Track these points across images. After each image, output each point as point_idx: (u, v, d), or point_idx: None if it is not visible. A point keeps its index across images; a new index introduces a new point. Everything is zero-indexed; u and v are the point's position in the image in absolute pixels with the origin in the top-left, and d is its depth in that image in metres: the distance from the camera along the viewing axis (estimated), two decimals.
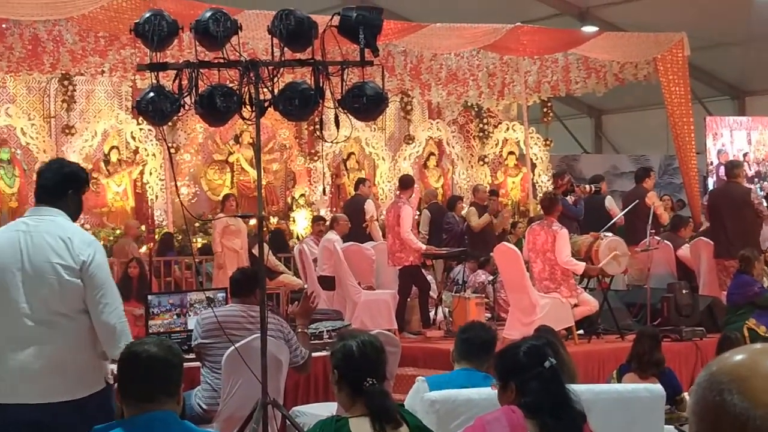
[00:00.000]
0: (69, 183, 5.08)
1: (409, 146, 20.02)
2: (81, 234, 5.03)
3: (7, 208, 16.71)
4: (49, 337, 4.79)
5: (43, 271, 4.81)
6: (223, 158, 18.66)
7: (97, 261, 4.88)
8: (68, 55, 15.94)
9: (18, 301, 4.79)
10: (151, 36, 6.04)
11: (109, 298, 4.86)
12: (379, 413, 3.93)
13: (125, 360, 3.73)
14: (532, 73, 18.83)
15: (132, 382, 3.67)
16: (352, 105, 6.32)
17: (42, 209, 5.02)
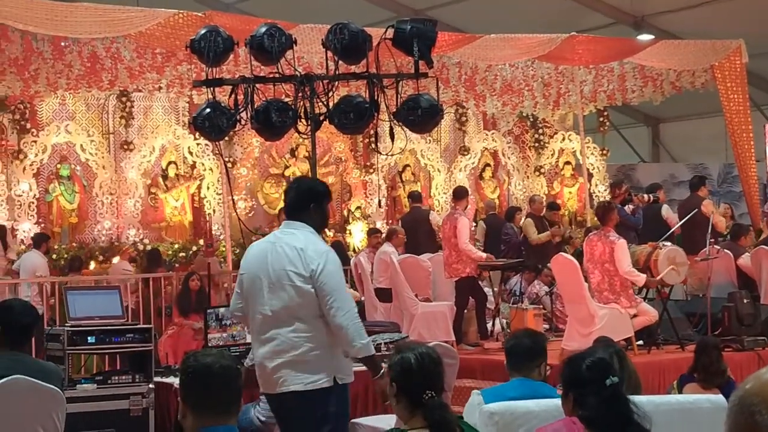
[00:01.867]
0: (309, 198, 5.62)
1: (464, 157, 19.99)
2: (314, 245, 5.51)
3: (68, 224, 16.92)
4: (285, 336, 5.44)
5: (281, 277, 5.45)
6: (279, 172, 18.74)
7: (327, 270, 5.41)
8: (126, 71, 16.11)
9: (263, 303, 5.50)
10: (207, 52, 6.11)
11: (339, 303, 5.37)
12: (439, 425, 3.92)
13: (197, 371, 3.63)
14: (588, 83, 18.73)
15: (207, 394, 3.59)
16: (407, 117, 6.33)
17: (290, 223, 5.63)
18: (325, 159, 18.55)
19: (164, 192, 17.58)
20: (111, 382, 8.14)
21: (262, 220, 18.01)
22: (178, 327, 13.02)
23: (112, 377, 8.21)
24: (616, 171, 22.15)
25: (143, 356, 8.37)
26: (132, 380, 8.18)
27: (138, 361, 8.45)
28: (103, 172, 17.01)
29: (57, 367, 6.45)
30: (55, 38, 15.22)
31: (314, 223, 5.59)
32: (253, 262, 5.68)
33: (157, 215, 17.56)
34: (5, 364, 5.81)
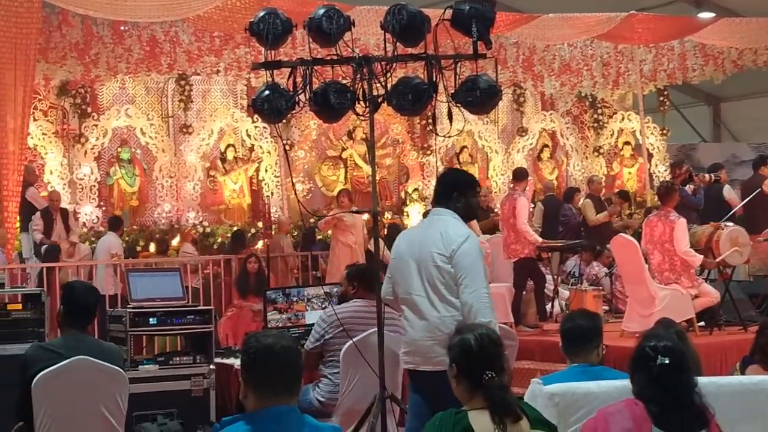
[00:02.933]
0: (453, 188, 5.98)
1: (522, 138, 19.91)
2: (456, 228, 5.84)
3: (129, 207, 17.08)
4: (430, 314, 5.76)
5: (427, 259, 5.80)
6: (336, 154, 18.78)
7: (464, 249, 5.74)
8: (185, 55, 16.22)
9: (413, 286, 5.85)
10: (266, 34, 6.12)
11: (470, 281, 5.67)
12: (499, 406, 3.92)
13: (258, 352, 3.66)
14: (648, 62, 18.56)
15: (269, 374, 3.63)
16: (465, 98, 6.31)
17: (436, 210, 6.03)
18: (382, 141, 18.56)
19: (223, 175, 17.69)
20: (172, 362, 8.21)
21: (319, 203, 18.07)
22: (238, 309, 13.12)
23: (173, 358, 8.29)
24: (677, 151, 21.92)
25: (204, 337, 8.44)
26: (193, 361, 8.25)
27: (199, 342, 8.52)
28: (162, 155, 17.15)
29: (119, 347, 6.53)
30: (114, 23, 15.37)
31: (458, 209, 5.92)
32: (403, 248, 6.04)
33: (216, 198, 17.68)
34: (69, 344, 5.89)
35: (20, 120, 12.63)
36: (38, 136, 16.16)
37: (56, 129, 16.54)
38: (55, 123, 16.58)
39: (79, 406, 5.85)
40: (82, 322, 6.03)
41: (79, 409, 5.85)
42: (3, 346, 7.58)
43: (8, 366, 6.88)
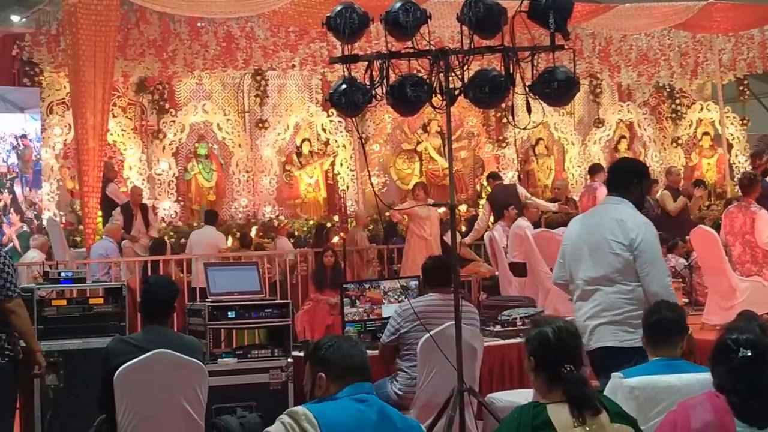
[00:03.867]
0: (632, 175, 6.18)
1: (599, 130, 19.74)
2: (633, 217, 6.03)
3: (206, 201, 17.26)
4: (607, 298, 5.96)
5: (602, 245, 5.98)
6: (411, 147, 18.79)
7: (645, 239, 5.92)
8: (260, 50, 16.35)
9: (586, 270, 6.06)
10: (343, 29, 6.13)
11: (654, 270, 5.88)
12: (578, 399, 3.89)
13: (336, 343, 3.96)
14: (727, 51, 18.31)
15: (350, 362, 3.92)
16: (543, 90, 6.27)
17: (610, 198, 6.21)
18: (457, 134, 18.52)
19: (298, 169, 17.79)
20: (251, 356, 8.26)
21: (394, 196, 18.09)
22: (314, 302, 13.18)
23: (251, 351, 8.34)
24: (757, 141, 21.55)
25: (281, 331, 8.48)
26: (271, 354, 8.29)
27: (276, 336, 8.57)
28: (239, 150, 17.30)
29: (198, 341, 6.59)
30: (191, 19, 15.54)
31: (633, 198, 6.10)
32: (575, 234, 6.25)
33: (291, 192, 17.79)
34: (149, 338, 5.97)
35: (100, 117, 12.80)
36: (117, 132, 16.40)
37: (135, 125, 16.77)
38: (133, 119, 16.81)
39: (160, 398, 5.92)
40: (161, 316, 6.10)
41: (160, 401, 5.92)
42: (85, 339, 7.69)
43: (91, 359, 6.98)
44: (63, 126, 15.99)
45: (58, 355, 7.50)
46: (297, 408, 3.73)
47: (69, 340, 7.67)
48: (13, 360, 6.26)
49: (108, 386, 5.81)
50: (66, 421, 7.36)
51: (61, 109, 16.08)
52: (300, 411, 3.69)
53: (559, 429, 3.83)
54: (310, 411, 3.69)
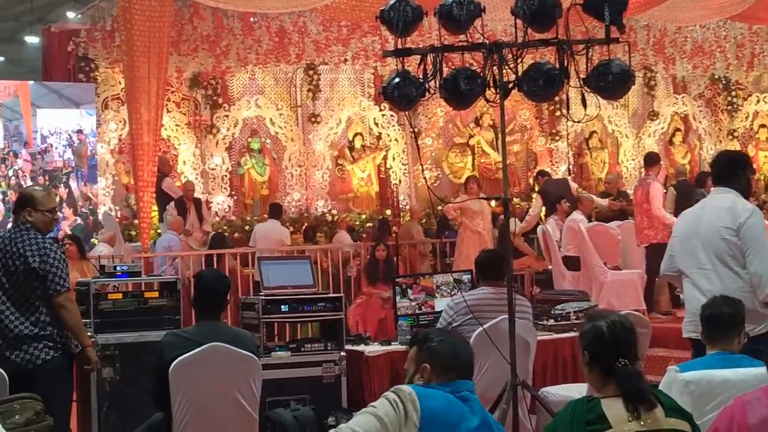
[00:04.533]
0: (738, 165, 6.33)
1: (653, 122, 19.58)
2: (742, 203, 6.16)
3: (259, 196, 17.34)
4: (717, 286, 5.97)
5: (713, 234, 6.10)
6: (464, 141, 18.76)
7: (750, 223, 6.04)
8: (313, 45, 16.41)
9: (699, 260, 6.16)
10: (396, 22, 6.13)
11: (757, 251, 5.97)
12: (632, 394, 3.86)
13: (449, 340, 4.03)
14: None
15: (457, 360, 3.98)
16: (597, 83, 6.23)
17: (718, 189, 6.35)
18: (510, 127, 18.44)
19: (351, 163, 17.82)
20: (304, 349, 8.30)
21: (447, 190, 18.05)
22: (367, 296, 13.20)
23: (305, 345, 8.39)
24: None
25: (334, 324, 8.52)
26: (324, 348, 8.33)
27: (329, 330, 8.61)
28: (291, 144, 17.36)
29: (252, 334, 6.63)
30: (244, 14, 15.62)
31: (740, 187, 6.23)
32: (686, 226, 6.40)
33: (344, 186, 17.82)
34: (203, 332, 6.01)
35: (154, 112, 12.91)
36: (171, 127, 16.52)
37: (188, 120, 16.88)
38: (187, 114, 16.92)
39: (215, 391, 5.96)
40: (214, 310, 6.14)
41: (215, 394, 5.96)
42: (141, 332, 7.77)
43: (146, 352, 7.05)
44: (118, 121, 16.14)
45: (114, 348, 7.58)
46: (404, 386, 3.74)
47: (125, 333, 7.75)
48: (67, 353, 6.33)
49: (162, 380, 5.86)
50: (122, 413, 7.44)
51: (116, 104, 16.23)
52: (406, 390, 3.71)
53: (614, 424, 3.80)
54: (416, 392, 3.71)
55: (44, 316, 6.22)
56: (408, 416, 3.65)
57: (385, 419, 3.65)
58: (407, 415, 3.65)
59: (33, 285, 6.22)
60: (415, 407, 3.66)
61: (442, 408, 3.73)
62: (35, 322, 6.20)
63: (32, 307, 6.22)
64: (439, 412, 3.71)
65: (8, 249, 6.27)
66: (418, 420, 3.64)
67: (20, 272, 6.21)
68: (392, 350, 8.33)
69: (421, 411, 3.65)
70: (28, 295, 6.22)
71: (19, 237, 6.28)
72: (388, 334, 10.20)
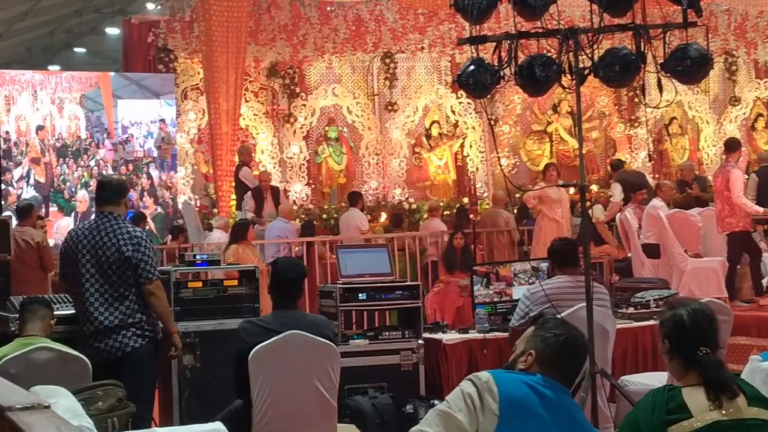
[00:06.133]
0: None
1: (735, 108, 19.29)
2: None
3: (336, 185, 17.43)
4: None
5: None
6: (541, 128, 18.66)
7: None
8: (389, 33, 16.42)
9: None
10: (471, 9, 6.11)
11: None
12: (715, 383, 3.81)
13: (569, 341, 3.90)
14: None
15: (568, 363, 3.87)
16: (675, 68, 6.15)
17: None
18: (588, 114, 18.31)
19: (428, 151, 17.82)
20: (382, 337, 8.32)
21: (524, 177, 17.98)
22: (444, 284, 13.19)
23: (383, 333, 8.40)
24: None
25: (412, 312, 8.52)
26: (402, 336, 8.34)
27: (407, 318, 8.61)
28: (368, 133, 17.40)
29: (330, 322, 6.66)
30: (321, 3, 15.69)
31: None
32: None
33: (421, 174, 17.83)
34: (279, 320, 6.04)
35: (232, 101, 13.03)
36: (249, 116, 16.65)
37: (266, 109, 17.00)
38: (265, 104, 17.04)
39: (294, 379, 5.99)
40: (290, 298, 6.16)
41: (294, 382, 6.00)
42: (220, 320, 7.84)
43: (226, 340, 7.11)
44: (197, 111, 16.31)
45: (194, 335, 7.66)
46: (482, 374, 3.64)
47: (205, 321, 7.83)
48: (153, 340, 6.42)
49: (242, 368, 5.90)
50: (202, 400, 7.52)
51: (195, 94, 16.40)
52: (484, 378, 3.61)
53: (695, 413, 3.75)
54: (494, 378, 3.62)
55: (133, 303, 6.32)
56: (485, 405, 3.59)
57: (458, 416, 3.57)
58: (483, 405, 3.59)
59: (125, 274, 6.31)
60: (492, 395, 3.58)
61: (522, 394, 3.64)
62: (124, 311, 6.30)
63: (122, 297, 6.31)
64: (518, 399, 3.63)
65: (98, 240, 6.35)
66: (497, 408, 3.58)
67: (112, 262, 6.30)
68: (470, 338, 8.33)
69: (499, 399, 3.58)
70: (119, 285, 6.31)
71: (110, 227, 6.36)
72: (465, 322, 10.17)
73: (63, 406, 4.17)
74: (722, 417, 3.73)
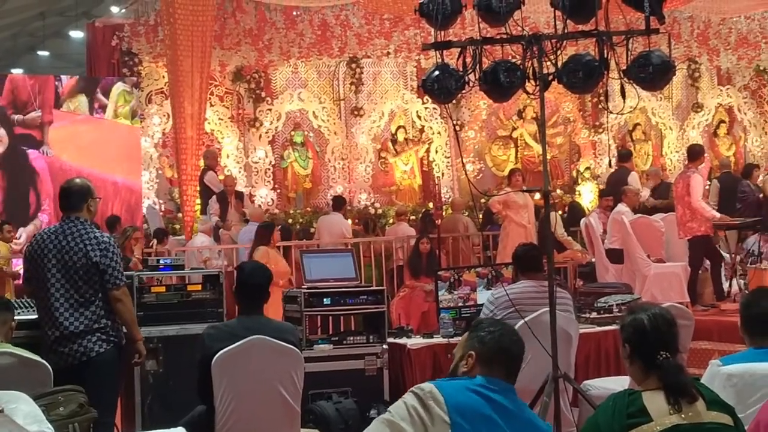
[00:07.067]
0: None
1: (697, 114, 19.45)
2: None
3: (302, 189, 17.41)
4: None
5: None
6: (507, 134, 18.72)
7: None
8: (355, 38, 16.42)
9: None
10: (436, 15, 6.12)
11: None
12: (674, 387, 3.85)
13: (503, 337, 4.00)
14: None
15: (506, 357, 3.96)
16: (637, 75, 6.19)
17: None
18: (553, 120, 18.41)
19: (394, 156, 17.84)
20: (346, 342, 8.33)
21: (490, 183, 18.04)
22: (410, 289, 13.19)
23: (347, 338, 8.40)
24: None
25: (377, 317, 8.53)
26: (366, 341, 8.35)
27: (371, 322, 8.62)
28: (334, 137, 17.40)
29: (294, 327, 6.65)
30: (287, 8, 15.67)
31: None
32: None
33: (387, 179, 17.85)
34: (244, 324, 6.03)
35: (197, 106, 12.98)
36: (215, 121, 16.62)
37: (232, 114, 16.97)
38: (230, 108, 17.01)
39: (257, 384, 5.98)
40: (255, 302, 6.14)
41: (257, 387, 5.98)
42: (184, 325, 7.82)
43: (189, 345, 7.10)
44: (162, 115, 16.25)
45: (157, 341, 7.63)
46: (424, 385, 3.69)
47: (168, 326, 7.80)
48: (117, 346, 6.39)
49: (205, 373, 5.89)
50: (165, 405, 7.49)
51: (160, 98, 16.34)
52: (426, 388, 3.65)
53: (655, 417, 3.78)
54: (438, 389, 3.66)
55: (99, 309, 6.28)
56: (433, 414, 3.60)
57: (402, 425, 3.61)
58: (431, 414, 3.60)
59: (92, 279, 6.27)
60: (439, 404, 3.61)
61: (470, 400, 3.69)
62: (89, 316, 6.26)
63: (87, 302, 6.27)
64: (467, 405, 3.67)
65: (64, 244, 6.30)
66: (447, 416, 3.60)
67: (79, 267, 6.26)
68: (434, 343, 8.35)
69: (448, 407, 3.61)
70: (85, 290, 6.27)
71: (77, 231, 6.31)
72: (430, 327, 10.19)
73: (23, 411, 4.15)
74: (682, 421, 3.76)
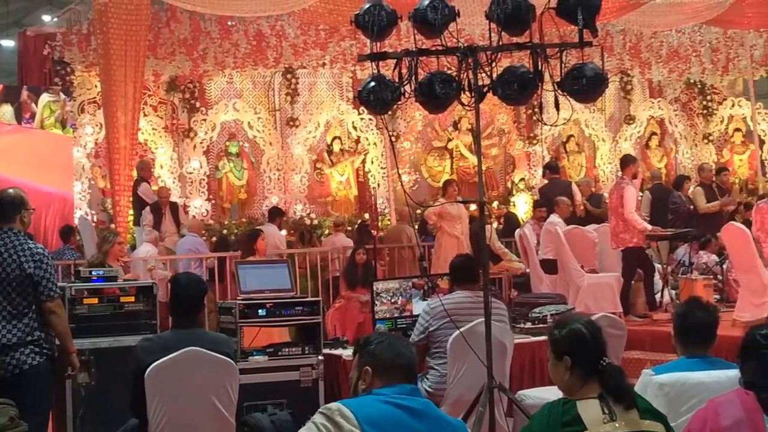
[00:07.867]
0: None
1: (629, 126, 19.66)
2: None
3: (237, 200, 17.33)
4: None
5: None
6: (442, 145, 18.78)
7: None
8: (291, 49, 16.38)
9: None
10: (371, 26, 6.14)
11: None
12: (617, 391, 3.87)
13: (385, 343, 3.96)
14: (759, 47, 18.18)
15: (396, 360, 3.92)
16: (571, 87, 6.25)
17: None
18: (488, 131, 18.50)
19: (329, 167, 17.81)
20: (282, 353, 8.30)
21: (425, 194, 18.08)
22: (346, 300, 13.19)
23: (282, 349, 8.38)
24: None
25: (312, 328, 8.51)
26: (302, 352, 8.33)
27: (307, 334, 8.60)
28: (270, 148, 17.34)
29: (229, 339, 6.62)
30: (222, 18, 15.58)
31: None
32: None
33: (323, 190, 17.82)
34: (179, 336, 5.99)
35: (131, 115, 12.85)
36: (148, 131, 16.48)
37: (166, 124, 16.85)
38: (164, 118, 16.89)
39: (191, 396, 5.94)
40: (190, 315, 6.10)
41: (191, 399, 5.95)
42: (117, 337, 7.75)
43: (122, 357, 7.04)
44: (94, 125, 16.08)
45: (89, 353, 7.55)
46: (331, 404, 3.69)
47: (100, 338, 7.73)
48: (50, 358, 6.32)
49: (138, 385, 5.83)
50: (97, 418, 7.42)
51: (93, 108, 16.17)
52: (333, 407, 3.65)
53: (589, 425, 3.81)
54: (345, 405, 3.66)
55: (33, 321, 6.20)
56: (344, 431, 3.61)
57: None
58: (343, 431, 3.61)
59: (26, 291, 6.20)
60: (349, 420, 3.60)
61: (382, 411, 3.68)
62: (22, 328, 6.18)
63: (21, 314, 6.19)
64: (380, 416, 3.66)
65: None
66: (359, 430, 3.58)
67: (13, 278, 6.18)
68: None
69: (359, 421, 3.60)
70: (18, 302, 6.19)
71: (10, 243, 6.23)
72: None
73: None
74: (616, 429, 3.80)
